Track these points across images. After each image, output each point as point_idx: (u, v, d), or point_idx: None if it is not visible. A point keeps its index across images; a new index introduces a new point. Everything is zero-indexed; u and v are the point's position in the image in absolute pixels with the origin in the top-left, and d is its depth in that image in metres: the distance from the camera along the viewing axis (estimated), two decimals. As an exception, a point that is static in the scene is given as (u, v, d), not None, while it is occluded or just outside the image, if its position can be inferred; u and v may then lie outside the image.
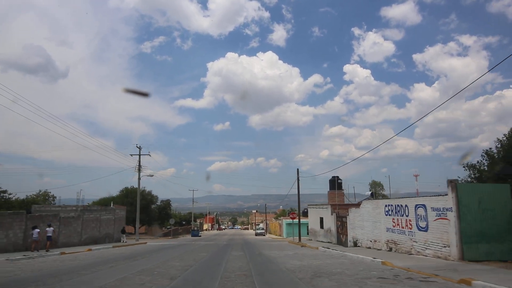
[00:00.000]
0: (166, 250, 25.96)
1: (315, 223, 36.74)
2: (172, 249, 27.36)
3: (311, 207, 38.87)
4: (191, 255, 20.47)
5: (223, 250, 24.75)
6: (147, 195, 74.77)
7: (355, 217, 24.54)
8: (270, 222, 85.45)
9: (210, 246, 31.26)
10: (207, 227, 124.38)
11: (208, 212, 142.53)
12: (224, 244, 35.21)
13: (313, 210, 38.04)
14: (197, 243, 38.23)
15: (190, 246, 31.70)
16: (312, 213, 38.49)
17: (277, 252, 22.80)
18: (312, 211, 38.44)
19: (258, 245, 32.72)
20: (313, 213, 37.78)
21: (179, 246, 31.97)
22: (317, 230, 36.04)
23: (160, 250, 25.81)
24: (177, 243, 38.41)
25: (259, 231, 68.82)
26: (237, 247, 29.26)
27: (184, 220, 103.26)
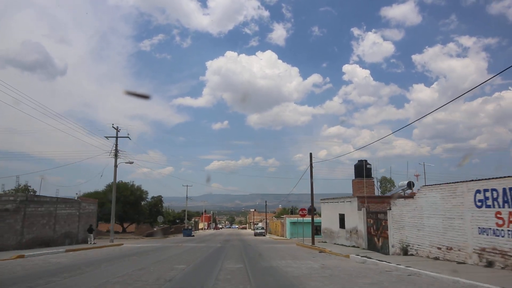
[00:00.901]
0: (132, 257, 18.06)
1: (331, 222, 28.87)
2: (144, 255, 19.44)
3: (325, 202, 30.95)
4: (161, 268, 12.55)
5: (214, 259, 16.85)
6: (136, 190, 66.80)
7: (405, 212, 16.64)
8: (270, 221, 77.46)
9: (198, 250, 23.40)
10: (203, 226, 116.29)
11: (204, 211, 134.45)
12: (217, 247, 27.33)
13: (328, 206, 30.12)
14: (184, 245, 30.28)
15: (172, 250, 23.80)
16: (326, 209, 30.59)
17: (293, 262, 14.92)
18: (326, 206, 30.52)
19: (260, 249, 24.88)
20: (328, 209, 29.89)
21: (158, 250, 24.08)
22: (334, 231, 28.15)
23: (124, 257, 17.88)
24: (159, 245, 30.45)
25: (259, 231, 60.84)
26: (233, 252, 21.38)
27: (178, 218, 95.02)
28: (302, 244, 29.34)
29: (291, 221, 50.06)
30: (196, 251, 22.69)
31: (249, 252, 22.33)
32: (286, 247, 27.12)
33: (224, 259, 16.76)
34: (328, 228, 30.09)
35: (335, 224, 27.72)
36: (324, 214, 31.53)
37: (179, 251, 22.41)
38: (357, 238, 23.02)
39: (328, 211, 30.16)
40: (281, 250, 23.92)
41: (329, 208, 29.68)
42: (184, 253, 21.14)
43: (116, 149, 33.43)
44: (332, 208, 28.62)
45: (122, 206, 61.90)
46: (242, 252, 21.47)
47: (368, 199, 22.72)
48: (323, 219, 31.90)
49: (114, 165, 33.24)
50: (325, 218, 30.72)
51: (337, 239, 27.43)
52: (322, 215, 32.49)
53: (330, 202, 29.25)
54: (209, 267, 13.20)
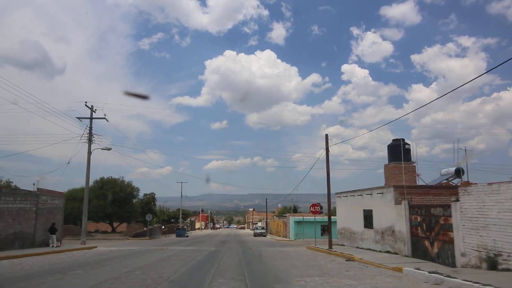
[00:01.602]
0: (86, 267, 12.19)
1: (352, 220, 23.02)
2: (104, 265, 13.52)
3: (343, 196, 25.05)
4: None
5: (199, 274, 10.96)
6: (127, 186, 60.75)
7: (490, 204, 10.78)
8: (271, 221, 71.51)
9: (184, 256, 17.52)
10: (200, 226, 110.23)
11: (201, 210, 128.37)
12: (209, 251, 21.44)
13: (347, 201, 24.24)
14: (170, 248, 24.39)
15: (150, 256, 17.90)
16: (344, 205, 24.71)
17: (325, 283, 9.09)
18: (344, 202, 24.64)
19: (265, 255, 19.01)
20: (347, 204, 24.02)
21: (132, 256, 18.20)
22: (356, 231, 22.30)
23: (72, 268, 11.99)
24: (139, 248, 24.53)
25: (259, 231, 54.92)
26: (229, 261, 15.49)
27: (173, 217, 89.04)
28: (315, 247, 23.47)
29: (295, 220, 44.17)
30: (180, 257, 16.80)
31: (250, 259, 16.44)
32: (297, 252, 21.26)
33: (215, 274, 10.87)
34: (346, 228, 24.20)
35: (358, 223, 21.85)
36: (340, 211, 25.67)
37: (157, 258, 16.52)
38: (393, 242, 17.13)
39: (346, 207, 24.28)
40: (292, 256, 18.05)
41: (348, 204, 23.81)
42: (163, 261, 15.24)
43: (90, 133, 27.48)
44: (353, 204, 22.74)
45: (111, 203, 55.98)
46: (242, 261, 15.59)
47: (409, 189, 16.85)
48: (340, 217, 26.04)
49: (87, 152, 27.26)
50: (342, 216, 24.83)
51: (360, 241, 21.54)
52: (338, 213, 26.64)
53: (350, 195, 23.35)
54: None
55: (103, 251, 21.83)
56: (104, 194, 57.03)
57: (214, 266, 13.50)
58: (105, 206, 55.10)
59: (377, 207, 19.01)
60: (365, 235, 20.75)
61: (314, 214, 25.89)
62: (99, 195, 56.63)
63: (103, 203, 55.02)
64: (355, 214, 22.36)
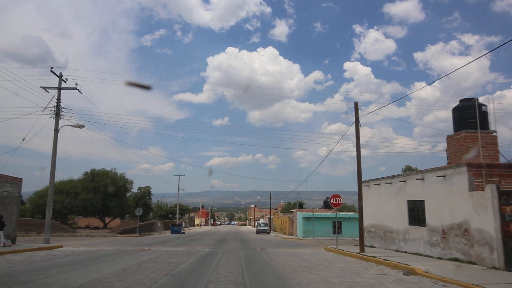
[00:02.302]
0: None
1: (389, 215, 17.49)
2: (45, 275, 8.18)
3: (373, 184, 19.49)
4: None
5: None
6: (119, 179, 55.39)
7: None
8: (275, 217, 66.05)
9: (165, 262, 12.12)
10: (199, 222, 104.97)
11: (201, 206, 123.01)
12: (202, 254, 16.01)
13: (379, 190, 18.71)
14: (154, 249, 18.96)
15: (118, 263, 12.49)
16: (375, 196, 19.16)
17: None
18: (376, 191, 19.08)
19: (276, 259, 13.55)
20: (381, 194, 18.50)
21: (94, 261, 12.84)
22: (395, 230, 16.77)
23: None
24: (115, 249, 19.11)
25: (262, 228, 49.46)
26: (227, 269, 10.00)
27: (171, 213, 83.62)
28: (336, 249, 18.01)
29: (304, 216, 38.66)
30: (157, 265, 11.37)
31: (258, 270, 10.98)
32: (317, 256, 15.79)
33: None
34: (378, 226, 18.68)
35: (398, 218, 16.34)
36: (368, 204, 20.12)
37: (122, 267, 11.07)
38: (466, 245, 11.60)
39: (378, 199, 18.74)
40: (315, 263, 12.59)
41: (382, 194, 18.28)
42: (127, 273, 9.79)
43: (58, 106, 21.97)
44: (390, 193, 17.21)
45: (101, 197, 50.62)
46: (245, 272, 10.14)
47: (492, 169, 11.30)
48: (368, 211, 20.47)
49: (54, 129, 21.76)
50: (372, 210, 19.28)
51: (401, 243, 16.02)
52: (365, 206, 21.07)
53: (386, 182, 17.79)
54: None
55: (63, 252, 16.43)
56: (95, 187, 51.73)
57: (201, 284, 8.06)
58: (95, 200, 49.81)
59: (434, 196, 13.46)
60: (411, 235, 15.22)
61: (334, 206, 20.36)
62: (88, 188, 51.24)
63: (93, 197, 49.73)
64: (392, 207, 16.84)
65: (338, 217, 39.47)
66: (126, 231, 39.79)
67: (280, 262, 13.28)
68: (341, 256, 15.77)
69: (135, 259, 13.84)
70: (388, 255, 14.60)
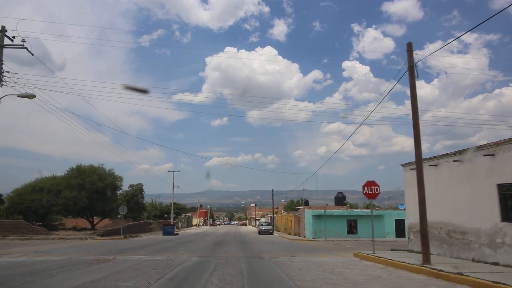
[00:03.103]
0: None
1: (457, 208, 11.92)
2: None
3: (428, 165, 13.87)
4: None
5: None
6: (107, 175, 49.69)
7: None
8: (278, 216, 60.45)
9: (120, 282, 6.69)
10: (198, 222, 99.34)
11: (200, 205, 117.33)
12: (187, 266, 10.53)
13: (437, 173, 13.08)
14: (120, 259, 13.42)
15: (55, 280, 7.05)
16: (432, 181, 13.49)
17: None
18: (431, 175, 13.42)
19: (300, 278, 8.15)
20: (442, 179, 12.86)
21: (27, 277, 7.40)
22: (474, 229, 11.17)
23: None
24: (67, 258, 13.58)
25: (264, 228, 43.86)
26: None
27: (167, 212, 77.87)
28: (378, 258, 12.53)
29: (314, 214, 33.10)
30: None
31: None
32: (357, 269, 10.30)
33: None
34: (439, 224, 13.10)
35: (477, 212, 10.82)
36: (414, 193, 14.55)
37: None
38: None
39: (436, 186, 13.15)
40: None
41: (445, 178, 12.70)
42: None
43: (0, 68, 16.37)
44: (462, 176, 11.65)
45: (87, 195, 44.90)
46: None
47: None
48: (414, 204, 14.90)
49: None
50: (424, 201, 13.73)
51: (486, 249, 10.49)
52: (407, 197, 15.50)
53: (455, 160, 12.16)
54: None
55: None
56: (80, 184, 46.04)
57: None
58: (80, 198, 44.16)
59: None
60: (506, 237, 9.68)
61: (369, 198, 14.76)
62: (72, 186, 45.49)
63: (77, 195, 44.06)
64: (465, 196, 11.31)
65: (352, 215, 33.95)
66: (108, 232, 34.23)
67: (309, 285, 7.75)
68: (397, 271, 10.24)
69: (70, 280, 8.32)
70: (472, 269, 9.11)
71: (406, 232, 14.99)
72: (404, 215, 33.76)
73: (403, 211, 36.49)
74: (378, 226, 33.01)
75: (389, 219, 32.95)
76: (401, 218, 33.16)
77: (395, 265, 10.95)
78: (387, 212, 34.47)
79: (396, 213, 33.75)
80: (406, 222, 15.19)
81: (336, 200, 38.51)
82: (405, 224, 33.25)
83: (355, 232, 33.03)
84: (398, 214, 33.37)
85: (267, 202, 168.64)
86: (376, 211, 35.06)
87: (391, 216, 32.92)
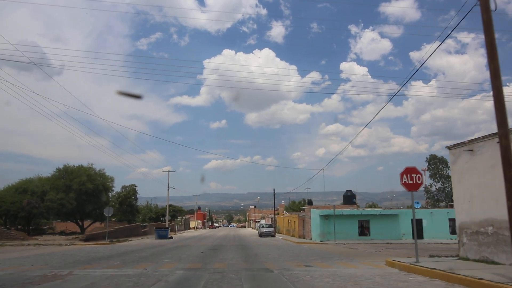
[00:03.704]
0: None
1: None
2: None
3: (477, 145, 10.41)
4: None
5: None
6: (97, 175, 46.13)
7: None
8: (280, 217, 56.85)
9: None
10: (196, 225, 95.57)
11: (198, 208, 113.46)
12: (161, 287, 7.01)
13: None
14: (75, 276, 9.82)
15: None
16: (488, 168, 10.00)
17: None
18: (491, 157, 9.93)
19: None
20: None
21: None
22: None
23: None
24: (8, 273, 10.00)
25: (266, 230, 40.28)
26: None
27: (163, 215, 74.08)
28: (427, 269, 9.02)
29: (322, 214, 29.52)
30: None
31: None
32: None
33: None
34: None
35: None
36: (469, 185, 11.08)
37: None
38: None
39: (499, 173, 9.69)
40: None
41: None
42: None
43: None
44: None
45: (75, 197, 41.28)
46: None
47: None
48: (464, 198, 11.43)
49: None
50: (481, 195, 10.27)
51: None
52: (457, 189, 11.96)
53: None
54: None
55: None
56: (67, 185, 42.40)
57: None
58: (67, 200, 40.51)
59: None
60: None
61: (409, 189, 11.19)
62: (59, 187, 41.92)
63: (64, 197, 40.42)
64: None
65: (364, 214, 30.40)
66: (93, 237, 30.56)
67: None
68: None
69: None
70: None
71: (457, 234, 11.39)
72: (422, 215, 30.37)
73: (420, 210, 32.98)
74: (393, 226, 29.50)
75: (405, 219, 29.45)
76: (418, 218, 29.65)
77: (468, 284, 7.41)
78: (402, 211, 30.93)
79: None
80: (456, 221, 11.61)
81: (345, 198, 34.96)
82: (422, 225, 29.93)
83: (367, 233, 29.51)
84: (416, 213, 29.89)
85: (266, 204, 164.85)
86: (390, 210, 31.58)
87: (407, 216, 29.41)
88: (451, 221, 29.98)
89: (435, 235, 29.33)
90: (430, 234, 28.92)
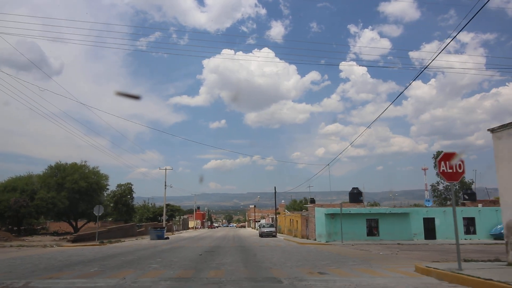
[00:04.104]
0: None
1: None
2: None
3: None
4: None
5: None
6: (91, 173, 44.06)
7: None
8: (281, 217, 54.77)
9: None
10: (195, 224, 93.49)
11: (197, 208, 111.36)
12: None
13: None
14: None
15: None
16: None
17: None
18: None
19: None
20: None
21: None
22: None
23: None
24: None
25: (267, 230, 38.22)
26: None
27: (160, 214, 72.07)
28: (475, 279, 6.96)
29: (327, 213, 27.45)
30: None
31: None
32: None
33: None
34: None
35: None
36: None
37: None
38: None
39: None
40: None
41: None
42: None
43: None
44: None
45: (68, 195, 39.23)
46: None
47: None
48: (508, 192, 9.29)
49: None
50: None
51: None
52: (502, 178, 9.91)
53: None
54: None
55: None
56: (59, 183, 40.37)
57: None
58: (59, 199, 38.46)
59: None
60: None
61: (449, 180, 9.09)
62: (50, 185, 39.88)
63: (55, 195, 38.36)
64: None
65: (373, 213, 28.34)
66: (83, 237, 28.47)
67: None
68: None
69: None
70: None
71: (504, 235, 9.32)
72: (434, 213, 28.28)
73: (433, 208, 30.90)
74: (403, 226, 27.44)
75: (416, 217, 27.40)
76: (430, 217, 27.60)
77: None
78: (413, 210, 28.87)
79: (424, 211, 28.14)
80: (503, 218, 9.53)
81: (351, 196, 32.87)
82: (435, 224, 27.85)
83: (376, 233, 27.46)
84: (427, 212, 27.82)
85: (266, 204, 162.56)
86: (400, 208, 29.52)
87: (419, 215, 27.38)
88: (465, 220, 27.99)
89: (449, 235, 27.26)
90: (443, 234, 26.86)
